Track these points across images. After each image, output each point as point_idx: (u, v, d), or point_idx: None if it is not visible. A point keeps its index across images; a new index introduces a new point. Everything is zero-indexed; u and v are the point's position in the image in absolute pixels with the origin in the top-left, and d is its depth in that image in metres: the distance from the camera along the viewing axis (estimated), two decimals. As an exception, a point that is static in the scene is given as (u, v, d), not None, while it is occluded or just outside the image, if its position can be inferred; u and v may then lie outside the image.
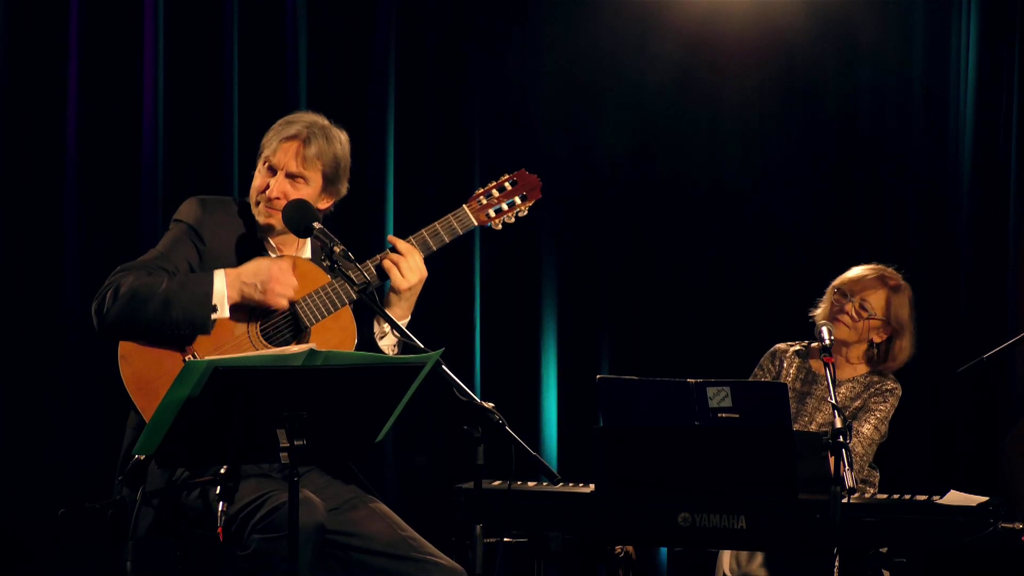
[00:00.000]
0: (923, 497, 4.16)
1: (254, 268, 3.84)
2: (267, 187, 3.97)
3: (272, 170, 3.98)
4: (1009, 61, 5.96)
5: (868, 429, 4.77)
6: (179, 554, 3.88)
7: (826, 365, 4.26)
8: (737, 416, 4.11)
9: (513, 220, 4.19)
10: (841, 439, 3.95)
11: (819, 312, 4.96)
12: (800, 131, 6.27)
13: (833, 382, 4.21)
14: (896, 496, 4.19)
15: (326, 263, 3.82)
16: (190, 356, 3.81)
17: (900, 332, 4.87)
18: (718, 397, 4.13)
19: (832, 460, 3.97)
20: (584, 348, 6.33)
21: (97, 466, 4.35)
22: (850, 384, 4.86)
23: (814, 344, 4.90)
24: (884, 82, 6.18)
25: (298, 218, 3.88)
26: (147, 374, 3.77)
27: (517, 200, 4.17)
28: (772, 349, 4.99)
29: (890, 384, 4.85)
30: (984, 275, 6.01)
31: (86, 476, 5.40)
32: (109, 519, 3.71)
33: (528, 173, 4.21)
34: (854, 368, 4.90)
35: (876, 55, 6.18)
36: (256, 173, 4.02)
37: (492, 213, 4.15)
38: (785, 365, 4.93)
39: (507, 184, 4.18)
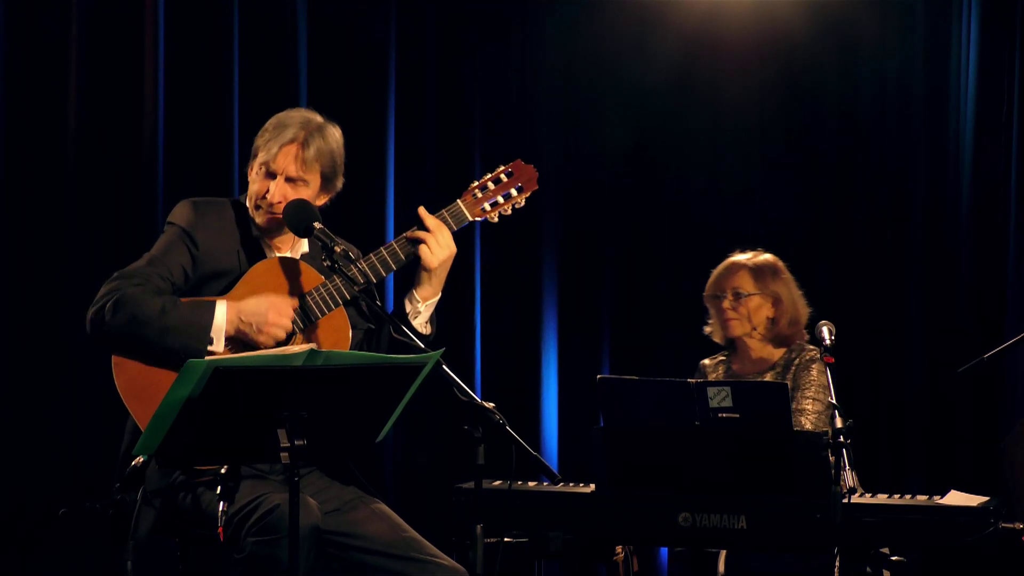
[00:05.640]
0: (923, 497, 4.16)
1: (254, 308, 3.78)
2: (267, 192, 3.89)
3: (271, 175, 3.90)
4: (1009, 61, 5.96)
5: (808, 404, 4.78)
6: (179, 554, 3.87)
7: (827, 365, 4.26)
8: (737, 416, 4.11)
9: (510, 212, 4.01)
10: (841, 439, 3.95)
11: (709, 328, 5.03)
12: (800, 131, 6.27)
13: (833, 382, 4.22)
14: (896, 496, 4.19)
15: (326, 263, 3.81)
16: None
17: (779, 297, 4.93)
18: (718, 397, 4.12)
19: (832, 460, 3.97)
20: (584, 348, 6.33)
21: (97, 466, 4.35)
22: (772, 373, 4.90)
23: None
24: (884, 82, 6.18)
25: (299, 218, 3.84)
26: (141, 380, 3.74)
27: (513, 192, 4.00)
28: (698, 366, 5.04)
29: (808, 354, 4.87)
30: (984, 275, 6.01)
31: (86, 476, 5.40)
32: (109, 519, 3.71)
33: (524, 163, 4.03)
34: (769, 353, 4.93)
35: (876, 55, 6.19)
36: (252, 177, 3.93)
37: (488, 207, 3.98)
38: (712, 378, 4.96)
39: (503, 176, 4.01)
